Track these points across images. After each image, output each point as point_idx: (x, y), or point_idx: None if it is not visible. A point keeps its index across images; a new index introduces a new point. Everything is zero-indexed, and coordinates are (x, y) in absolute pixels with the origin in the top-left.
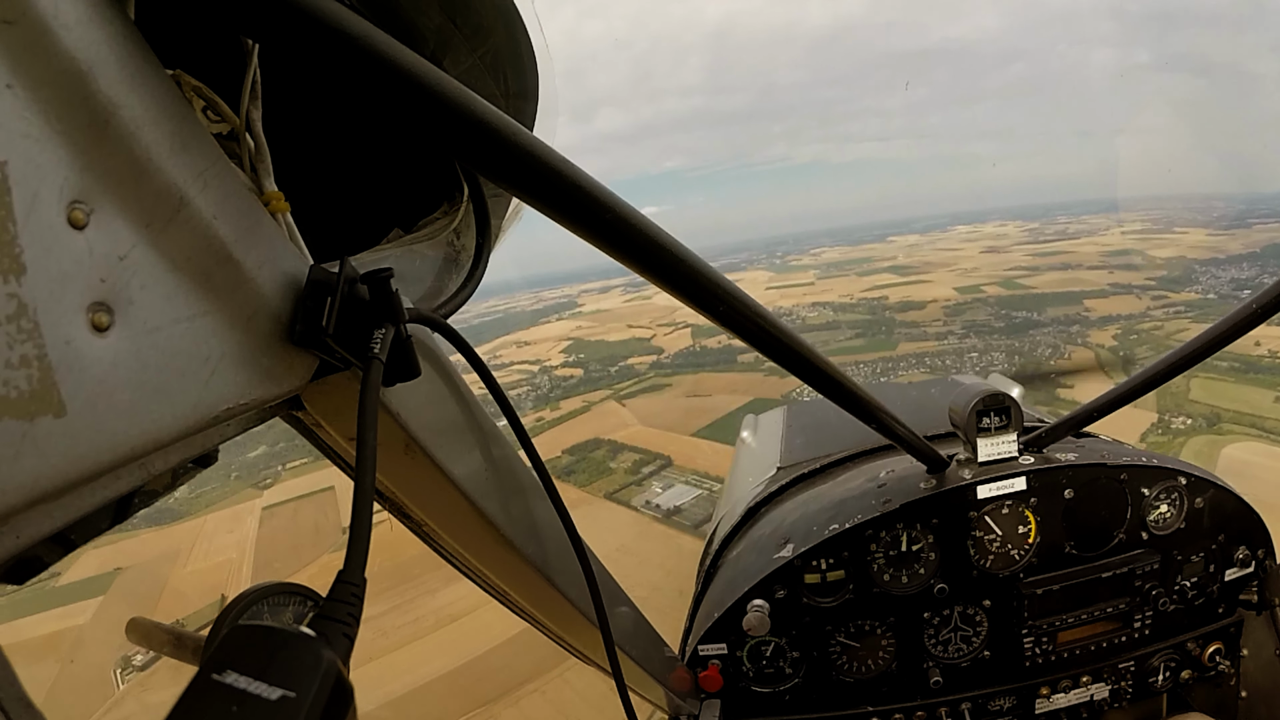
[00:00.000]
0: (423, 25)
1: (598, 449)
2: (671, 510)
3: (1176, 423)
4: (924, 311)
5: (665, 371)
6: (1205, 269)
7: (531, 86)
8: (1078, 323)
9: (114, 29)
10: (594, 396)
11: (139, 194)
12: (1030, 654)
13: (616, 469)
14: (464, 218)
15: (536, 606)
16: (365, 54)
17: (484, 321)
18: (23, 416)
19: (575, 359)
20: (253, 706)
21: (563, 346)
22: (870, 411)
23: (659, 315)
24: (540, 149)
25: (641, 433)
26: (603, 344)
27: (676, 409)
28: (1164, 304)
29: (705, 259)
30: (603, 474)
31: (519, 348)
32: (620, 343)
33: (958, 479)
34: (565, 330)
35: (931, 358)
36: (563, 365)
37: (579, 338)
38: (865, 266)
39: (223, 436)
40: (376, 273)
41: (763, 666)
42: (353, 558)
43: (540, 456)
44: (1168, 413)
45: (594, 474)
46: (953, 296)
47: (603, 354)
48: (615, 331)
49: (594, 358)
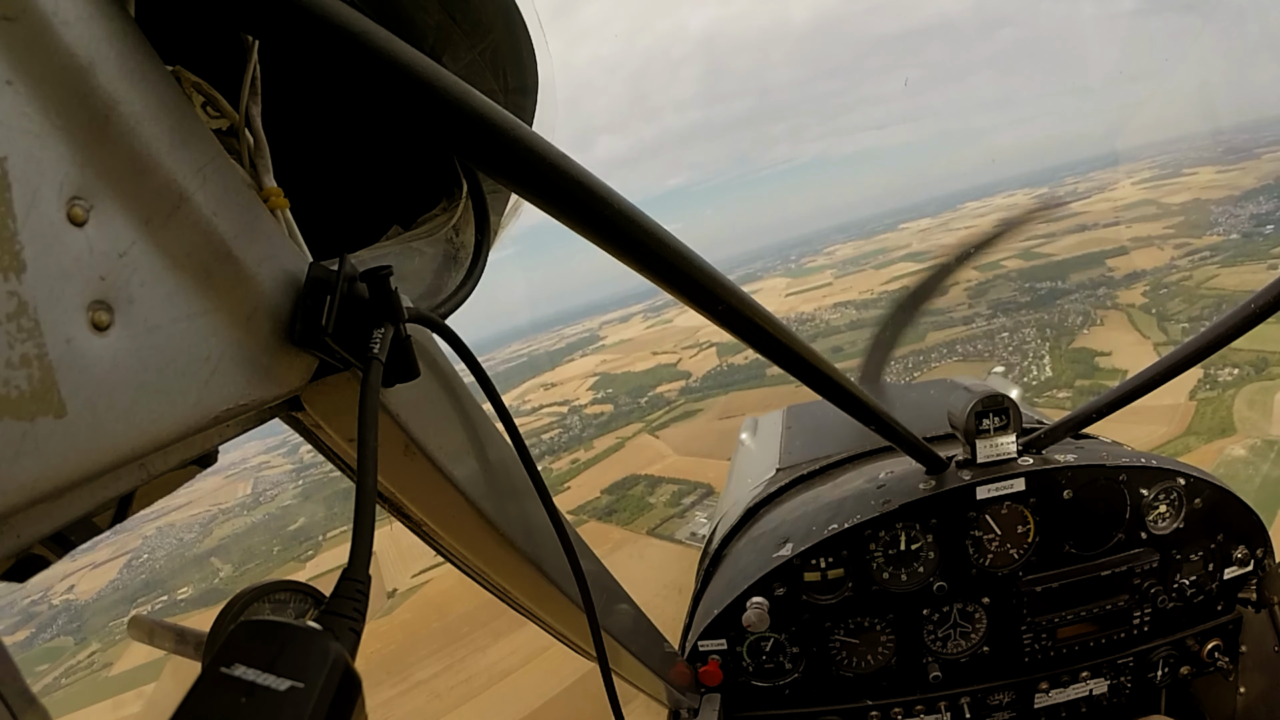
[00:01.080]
0: (422, 21)
1: (635, 485)
2: None
3: (1223, 375)
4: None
5: (696, 396)
6: (1223, 208)
7: (531, 82)
8: (1104, 284)
9: (114, 25)
10: (627, 431)
11: (139, 190)
12: (1029, 650)
13: (656, 503)
14: (463, 214)
15: (536, 604)
16: (364, 50)
17: (508, 367)
18: (23, 416)
19: (604, 394)
20: (262, 697)
21: (590, 383)
22: (870, 413)
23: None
24: (539, 144)
25: (678, 463)
26: (630, 375)
27: (711, 433)
28: (1188, 252)
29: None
30: (643, 510)
31: (545, 390)
32: (647, 371)
33: (957, 480)
34: (591, 366)
35: (963, 344)
36: (591, 403)
37: (605, 371)
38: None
39: (223, 437)
40: (376, 270)
41: (763, 662)
42: (356, 555)
43: (532, 457)
44: (1211, 366)
45: (635, 511)
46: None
47: (631, 385)
48: (641, 360)
49: (622, 390)
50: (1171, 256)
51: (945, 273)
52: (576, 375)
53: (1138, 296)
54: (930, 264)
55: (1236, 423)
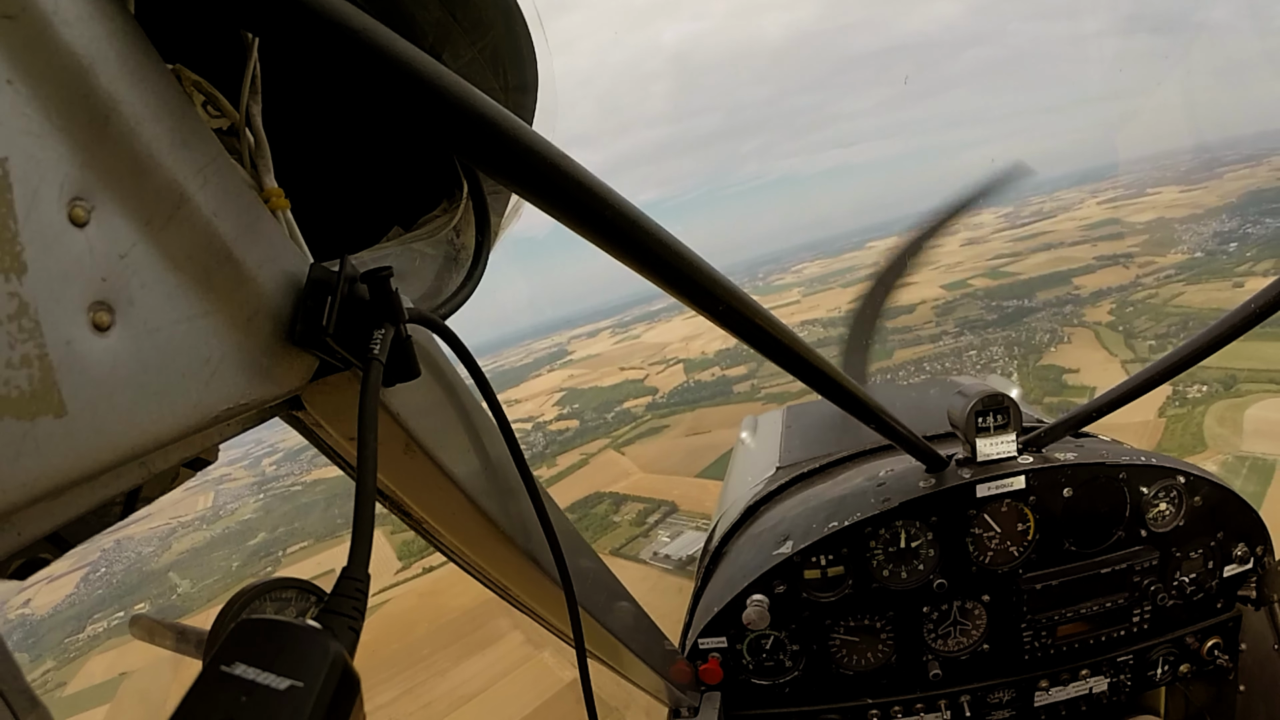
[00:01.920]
0: (422, 19)
1: (599, 504)
2: (682, 561)
3: (1192, 391)
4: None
5: (662, 412)
6: (1186, 226)
7: (531, 80)
8: (1070, 302)
9: (114, 24)
10: (591, 448)
11: (140, 191)
12: (1029, 647)
13: (621, 522)
14: (464, 215)
15: (537, 602)
16: (365, 48)
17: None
18: (23, 416)
19: (570, 410)
20: (262, 696)
21: (556, 399)
22: (870, 412)
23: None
24: (539, 144)
25: (644, 480)
26: (597, 390)
27: (678, 451)
28: (1153, 270)
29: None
30: (607, 529)
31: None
32: (614, 387)
33: (957, 478)
34: (557, 381)
35: (930, 361)
36: (557, 419)
37: (572, 387)
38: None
39: (223, 436)
40: (376, 271)
41: (763, 659)
42: (356, 554)
43: (525, 459)
44: (1180, 383)
45: (598, 530)
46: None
47: (597, 401)
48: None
49: (589, 406)
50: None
51: (908, 255)
52: (543, 391)
53: (1104, 314)
54: (891, 250)
55: (1207, 439)
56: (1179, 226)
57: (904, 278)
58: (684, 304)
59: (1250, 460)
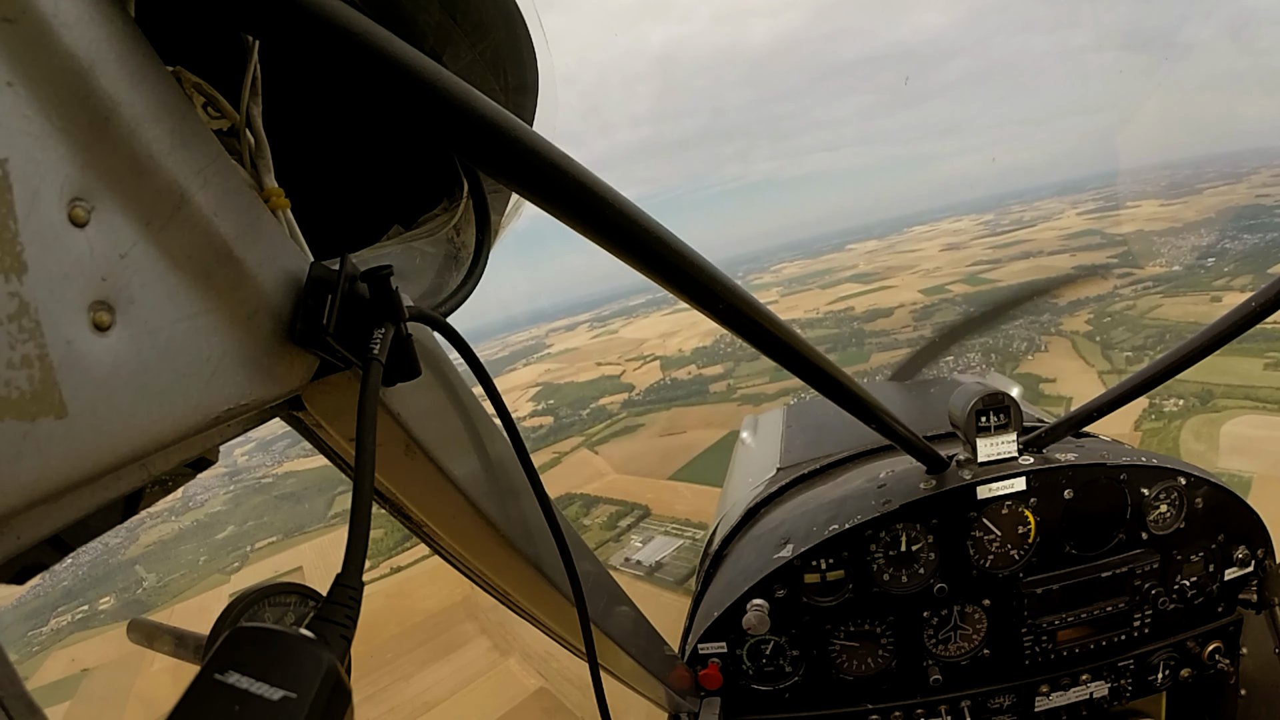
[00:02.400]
0: (422, 21)
1: (571, 505)
2: (653, 566)
3: (1168, 405)
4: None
5: (638, 410)
6: (1165, 240)
7: (531, 81)
8: (1048, 311)
9: (114, 26)
10: (564, 446)
11: (140, 191)
12: (1030, 652)
13: (592, 525)
14: (464, 214)
15: (534, 605)
16: (365, 50)
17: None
18: (24, 417)
19: (544, 406)
20: (255, 706)
21: (531, 394)
22: (870, 412)
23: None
24: (540, 144)
25: (617, 481)
26: (572, 386)
27: (652, 451)
28: (1131, 281)
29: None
30: (579, 533)
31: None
32: (590, 383)
33: (957, 479)
34: (533, 376)
35: None
36: (531, 415)
37: (548, 382)
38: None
39: (224, 437)
40: (376, 270)
41: (763, 665)
42: (350, 561)
43: (531, 460)
44: (1157, 397)
45: None
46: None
47: (573, 397)
48: (585, 371)
49: (564, 402)
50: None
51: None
52: (518, 385)
53: (1081, 324)
54: (1021, 286)
55: (1184, 455)
56: (1157, 239)
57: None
58: (686, 302)
59: (1227, 477)
